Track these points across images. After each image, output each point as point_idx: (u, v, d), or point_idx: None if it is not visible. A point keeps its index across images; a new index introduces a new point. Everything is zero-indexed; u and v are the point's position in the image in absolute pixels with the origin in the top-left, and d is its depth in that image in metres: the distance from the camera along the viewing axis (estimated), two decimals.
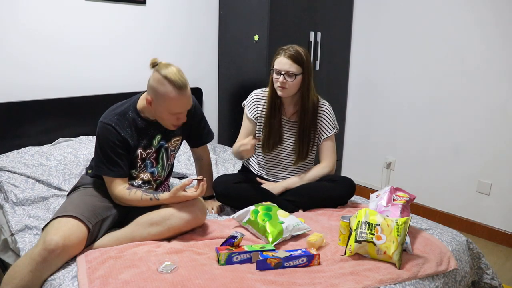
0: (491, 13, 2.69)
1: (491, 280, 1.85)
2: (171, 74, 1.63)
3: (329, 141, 2.12)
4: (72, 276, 1.42)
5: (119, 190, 1.72)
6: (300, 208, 2.03)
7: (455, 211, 3.04)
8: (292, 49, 1.97)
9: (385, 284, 1.44)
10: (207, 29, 3.24)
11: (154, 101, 1.68)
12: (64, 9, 2.55)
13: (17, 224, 1.78)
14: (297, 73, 1.96)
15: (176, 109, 1.69)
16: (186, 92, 1.67)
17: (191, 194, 1.68)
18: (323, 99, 2.15)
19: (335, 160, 2.14)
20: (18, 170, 2.18)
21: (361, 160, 3.59)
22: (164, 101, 1.66)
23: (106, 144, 1.72)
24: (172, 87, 1.63)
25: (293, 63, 1.95)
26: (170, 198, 1.66)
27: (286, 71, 1.95)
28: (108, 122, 1.72)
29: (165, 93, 1.64)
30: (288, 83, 1.96)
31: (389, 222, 1.56)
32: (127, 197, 1.70)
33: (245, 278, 1.41)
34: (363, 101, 3.50)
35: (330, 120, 2.12)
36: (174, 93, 1.63)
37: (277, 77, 1.98)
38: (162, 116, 1.72)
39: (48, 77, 2.56)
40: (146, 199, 1.69)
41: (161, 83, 1.64)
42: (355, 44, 3.48)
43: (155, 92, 1.66)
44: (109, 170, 1.72)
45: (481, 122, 2.83)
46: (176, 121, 1.74)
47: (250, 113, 2.14)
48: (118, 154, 1.73)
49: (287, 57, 1.95)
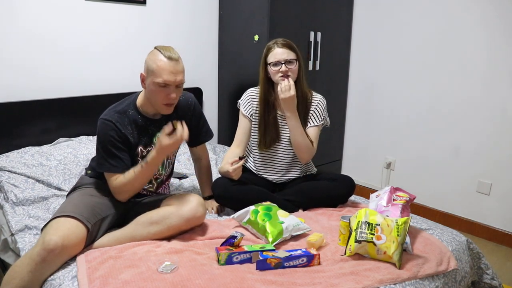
0: (492, 14, 2.69)
1: (491, 280, 1.85)
2: (163, 47, 1.72)
3: (315, 128, 2.12)
4: (72, 276, 1.42)
5: (118, 181, 1.71)
6: (300, 208, 2.03)
7: (455, 211, 3.04)
8: (281, 39, 2.02)
9: (385, 284, 1.44)
10: (207, 29, 3.24)
11: (145, 75, 1.72)
12: (64, 9, 2.55)
13: (17, 224, 1.78)
14: (295, 59, 2.00)
15: (164, 75, 1.66)
16: (176, 63, 1.69)
17: (175, 140, 1.65)
18: (317, 93, 2.17)
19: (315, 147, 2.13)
20: (18, 170, 2.18)
21: (361, 160, 3.59)
22: (153, 70, 1.68)
23: (106, 139, 1.72)
24: (162, 55, 1.68)
25: (290, 51, 1.99)
26: (156, 152, 1.66)
27: (285, 59, 1.97)
28: (108, 119, 1.73)
29: (154, 61, 1.68)
30: (291, 70, 1.98)
31: (389, 222, 1.56)
32: (124, 181, 1.70)
33: (245, 278, 1.41)
34: (363, 101, 3.50)
35: (320, 111, 2.12)
36: (163, 60, 1.67)
37: (277, 68, 1.99)
38: (152, 93, 1.71)
39: (48, 77, 2.56)
40: (138, 170, 1.68)
41: (153, 54, 1.70)
42: (355, 44, 3.48)
43: (146, 64, 1.71)
44: (112, 166, 1.72)
45: (481, 122, 2.83)
46: (166, 98, 1.71)
47: (245, 111, 2.14)
48: (119, 149, 1.73)
49: (282, 47, 1.99)
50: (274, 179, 2.19)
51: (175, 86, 1.71)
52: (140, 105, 1.80)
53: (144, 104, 1.80)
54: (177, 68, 1.69)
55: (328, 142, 3.38)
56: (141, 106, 1.80)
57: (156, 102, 1.74)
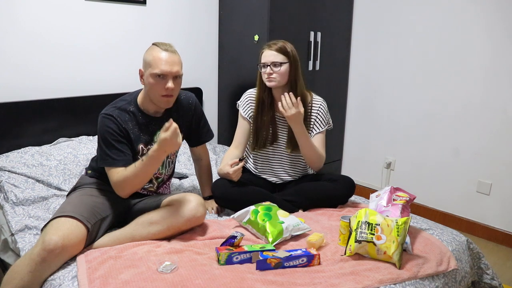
0: (493, 16, 2.69)
1: (491, 280, 1.85)
2: (160, 42, 1.75)
3: (321, 134, 2.12)
4: (72, 276, 1.42)
5: (119, 175, 1.69)
6: (300, 209, 2.03)
7: (455, 211, 3.03)
8: (276, 42, 2.04)
9: (385, 284, 1.44)
10: (207, 29, 3.24)
11: (143, 69, 1.75)
12: (64, 9, 2.55)
13: (17, 224, 1.78)
14: (282, 62, 2.00)
15: (160, 65, 1.68)
16: (173, 55, 1.73)
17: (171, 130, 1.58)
18: (317, 95, 2.16)
19: (324, 153, 2.13)
20: (18, 170, 2.18)
21: (361, 160, 3.59)
22: (149, 62, 1.71)
23: (107, 133, 1.71)
24: (158, 48, 1.72)
25: (278, 53, 2.00)
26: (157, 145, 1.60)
27: (272, 61, 1.99)
28: (109, 113, 1.74)
29: (151, 53, 1.72)
30: (277, 73, 1.99)
31: (389, 222, 1.56)
32: (126, 174, 1.67)
33: (245, 278, 1.41)
34: (363, 101, 3.50)
35: (323, 116, 2.13)
36: (160, 52, 1.71)
37: (264, 70, 2.02)
38: (150, 85, 1.72)
39: (48, 77, 2.56)
40: (139, 165, 1.65)
41: (150, 48, 1.75)
42: (355, 44, 3.48)
43: (144, 59, 1.74)
44: (114, 160, 1.70)
45: (482, 122, 2.82)
46: (164, 89, 1.71)
47: (244, 112, 2.14)
48: (120, 143, 1.73)
49: (271, 49, 2.02)
50: (274, 180, 2.19)
51: (173, 78, 1.72)
52: (140, 102, 1.81)
53: (144, 102, 1.80)
54: (174, 59, 1.72)
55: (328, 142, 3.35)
56: (142, 104, 1.81)
57: (154, 95, 1.75)
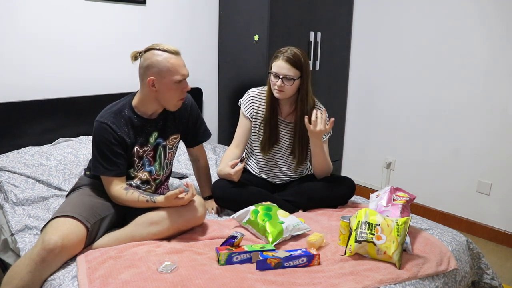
0: (493, 15, 2.69)
1: (491, 280, 1.85)
2: (162, 45, 1.72)
3: (325, 144, 2.11)
4: (72, 276, 1.42)
5: (116, 190, 1.72)
6: (299, 209, 2.03)
7: (455, 211, 3.03)
8: (290, 52, 1.95)
9: (385, 284, 1.44)
10: (207, 29, 3.25)
11: (157, 78, 1.70)
12: (64, 9, 2.55)
13: (17, 224, 1.78)
14: (295, 78, 1.95)
15: (181, 71, 1.72)
16: (182, 58, 1.75)
17: (182, 201, 1.67)
18: (319, 102, 2.13)
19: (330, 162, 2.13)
20: (18, 170, 2.18)
21: (361, 160, 3.59)
22: (168, 69, 1.69)
23: (102, 143, 1.72)
24: (168, 53, 1.70)
25: (292, 67, 1.93)
26: (164, 201, 1.67)
27: (284, 75, 1.93)
28: (104, 121, 1.73)
29: (165, 60, 1.69)
30: (285, 87, 1.96)
31: (389, 222, 1.56)
32: (124, 198, 1.70)
33: (245, 278, 1.41)
34: (363, 101, 3.50)
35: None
36: (173, 57, 1.70)
37: (275, 80, 1.97)
38: (169, 92, 1.74)
39: (48, 77, 2.56)
40: (142, 200, 1.69)
41: (158, 55, 1.69)
42: (355, 44, 3.48)
43: (155, 66, 1.69)
44: (106, 170, 1.72)
45: (482, 122, 2.83)
46: (181, 93, 1.77)
47: (246, 111, 2.13)
48: (115, 153, 1.73)
49: (285, 61, 1.93)
50: (274, 180, 2.19)
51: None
52: (135, 105, 1.80)
53: (140, 105, 1.80)
54: (183, 61, 1.76)
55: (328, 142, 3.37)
56: (137, 107, 1.80)
57: (171, 100, 1.77)
